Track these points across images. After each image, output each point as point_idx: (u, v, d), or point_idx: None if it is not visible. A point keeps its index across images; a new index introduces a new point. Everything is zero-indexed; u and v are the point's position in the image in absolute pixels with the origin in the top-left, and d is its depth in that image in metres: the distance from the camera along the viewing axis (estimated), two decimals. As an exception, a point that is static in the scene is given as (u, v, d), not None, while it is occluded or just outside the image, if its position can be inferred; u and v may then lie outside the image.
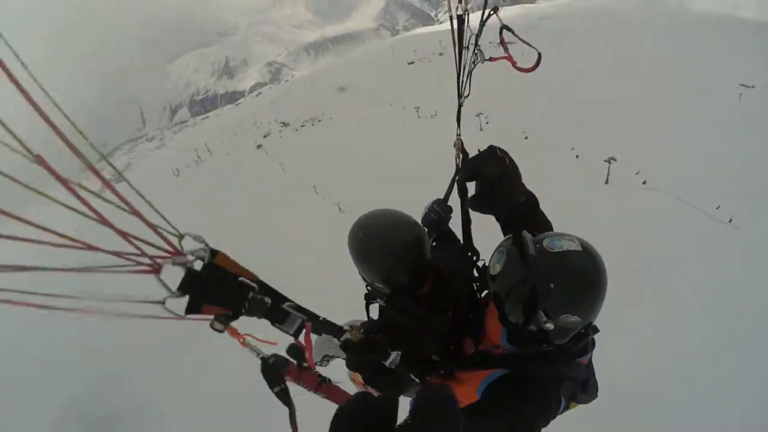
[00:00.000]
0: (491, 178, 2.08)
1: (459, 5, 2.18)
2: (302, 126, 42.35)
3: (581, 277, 1.73)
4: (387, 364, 1.90)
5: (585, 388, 2.12)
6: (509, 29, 2.07)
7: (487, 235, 2.66)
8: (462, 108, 2.46)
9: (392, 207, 2.40)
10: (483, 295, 2.52)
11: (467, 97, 2.36)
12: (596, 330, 1.88)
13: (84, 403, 12.98)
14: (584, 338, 1.86)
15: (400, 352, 1.90)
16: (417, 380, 2.26)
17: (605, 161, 18.96)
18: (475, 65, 2.24)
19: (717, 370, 9.13)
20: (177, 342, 13.74)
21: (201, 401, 11.69)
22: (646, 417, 8.47)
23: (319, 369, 2.92)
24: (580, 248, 1.75)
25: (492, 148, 2.10)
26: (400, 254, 2.18)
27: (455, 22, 2.21)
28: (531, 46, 2.00)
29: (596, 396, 2.21)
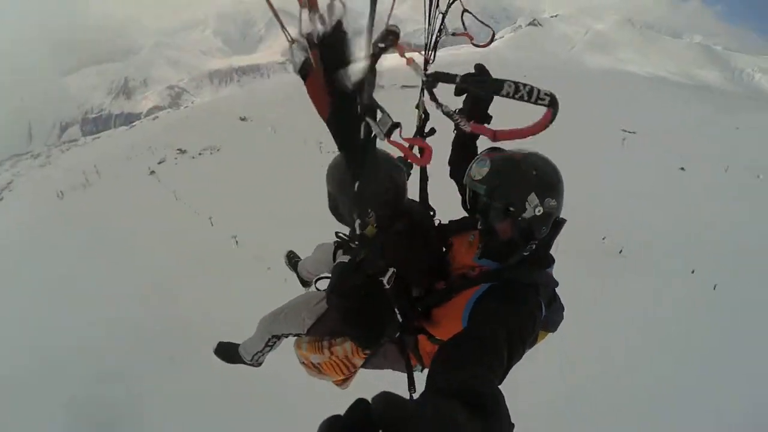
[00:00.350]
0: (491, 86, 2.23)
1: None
2: (200, 154, 40.30)
3: (550, 166, 2.13)
4: (385, 280, 1.96)
5: (555, 297, 2.35)
6: (470, 12, 2.44)
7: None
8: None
9: (291, 243, 3.16)
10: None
11: (432, 62, 2.61)
12: (564, 221, 2.24)
13: (84, 404, 12.41)
14: (558, 228, 2.21)
15: (395, 269, 1.97)
16: (399, 320, 2.25)
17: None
18: (440, 38, 2.50)
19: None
20: (177, 342, 13.71)
21: (201, 401, 11.65)
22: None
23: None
24: (536, 151, 2.17)
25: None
26: (386, 183, 2.46)
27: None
28: (487, 25, 2.51)
29: (562, 317, 2.51)
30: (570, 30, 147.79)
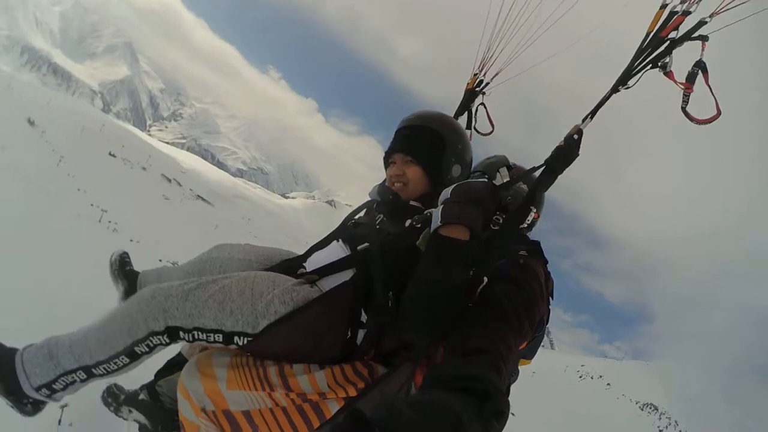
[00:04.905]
0: None
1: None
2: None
3: None
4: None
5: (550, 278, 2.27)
6: (703, 70, 1.68)
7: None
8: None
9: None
10: None
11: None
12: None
13: (84, 403, 19.80)
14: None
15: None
16: None
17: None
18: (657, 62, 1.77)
19: None
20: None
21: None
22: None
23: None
24: None
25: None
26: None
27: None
28: (714, 97, 1.64)
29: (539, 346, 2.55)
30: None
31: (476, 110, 2.86)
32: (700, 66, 1.69)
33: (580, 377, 21.05)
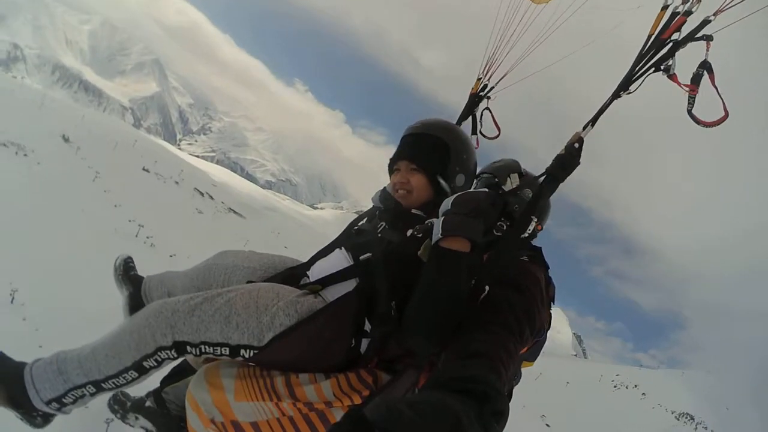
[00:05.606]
0: None
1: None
2: None
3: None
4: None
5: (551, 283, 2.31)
6: (709, 70, 1.64)
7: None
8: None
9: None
10: None
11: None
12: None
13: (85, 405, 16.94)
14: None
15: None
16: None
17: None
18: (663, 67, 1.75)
19: None
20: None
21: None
22: None
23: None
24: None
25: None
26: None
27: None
28: (721, 98, 1.60)
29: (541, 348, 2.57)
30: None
31: (481, 115, 2.89)
32: (705, 66, 1.67)
33: (615, 387, 20.71)
